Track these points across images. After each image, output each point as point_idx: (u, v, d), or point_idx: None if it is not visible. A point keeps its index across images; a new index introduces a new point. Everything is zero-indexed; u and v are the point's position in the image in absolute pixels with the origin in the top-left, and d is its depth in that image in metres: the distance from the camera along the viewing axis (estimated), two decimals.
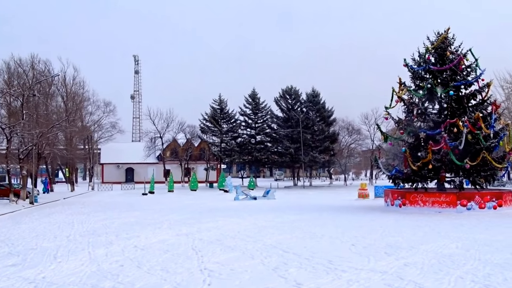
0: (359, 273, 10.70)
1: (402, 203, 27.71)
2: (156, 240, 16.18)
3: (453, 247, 14.06)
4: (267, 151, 73.21)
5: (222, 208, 30.17)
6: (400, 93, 29.16)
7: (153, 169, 77.45)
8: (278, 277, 10.45)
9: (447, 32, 29.30)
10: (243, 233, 17.72)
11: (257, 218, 23.25)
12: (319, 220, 22.43)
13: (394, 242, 15.24)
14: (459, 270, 10.93)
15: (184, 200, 39.56)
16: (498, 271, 10.72)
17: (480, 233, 17.24)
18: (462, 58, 28.25)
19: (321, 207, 30.27)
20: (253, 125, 74.54)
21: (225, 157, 73.96)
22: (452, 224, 20.29)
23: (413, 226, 19.51)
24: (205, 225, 20.65)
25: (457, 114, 27.87)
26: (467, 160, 25.95)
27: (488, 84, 28.47)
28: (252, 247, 14.39)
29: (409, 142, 29.85)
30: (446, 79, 28.29)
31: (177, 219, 23.35)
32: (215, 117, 73.55)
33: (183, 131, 78.65)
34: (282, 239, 16.14)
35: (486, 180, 27.94)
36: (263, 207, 30.99)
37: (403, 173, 28.13)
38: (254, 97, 74.27)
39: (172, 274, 10.89)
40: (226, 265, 11.76)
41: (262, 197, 40.11)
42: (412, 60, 29.80)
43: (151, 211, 28.71)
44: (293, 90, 74.42)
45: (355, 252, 13.41)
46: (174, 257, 13.00)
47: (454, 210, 25.55)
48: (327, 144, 71.21)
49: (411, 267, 11.32)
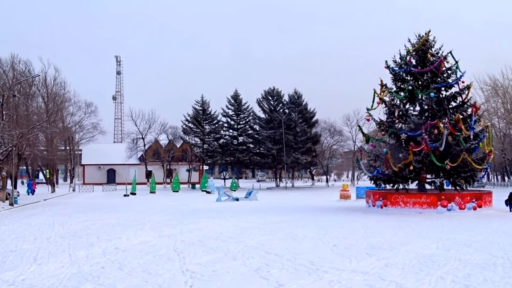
0: (340, 274, 10.73)
1: (383, 204, 27.89)
2: (137, 242, 16.06)
3: (434, 248, 14.19)
4: (250, 152, 73.26)
5: (204, 209, 30.08)
6: (382, 95, 29.36)
7: (135, 170, 77.09)
8: (260, 278, 10.44)
9: (427, 34, 29.59)
10: (225, 235, 17.68)
11: (239, 219, 23.21)
12: (301, 221, 22.46)
13: (375, 242, 15.33)
14: (439, 270, 11.02)
15: (166, 202, 39.37)
16: (478, 272, 10.83)
17: (460, 234, 17.42)
18: (442, 60, 28.53)
19: (303, 208, 30.33)
20: (235, 126, 74.50)
21: (207, 158, 73.87)
22: (432, 224, 20.48)
23: (394, 227, 19.66)
24: (187, 226, 20.55)
25: (438, 115, 28.13)
26: (448, 161, 26.20)
27: (468, 86, 28.79)
28: (234, 249, 14.36)
29: (391, 144, 30.07)
30: (427, 81, 28.58)
31: (159, 221, 23.21)
32: (198, 118, 73.37)
33: (165, 132, 78.47)
34: (264, 240, 16.14)
35: (466, 181, 28.25)
36: (245, 208, 30.96)
37: (385, 174, 28.32)
38: (236, 98, 74.28)
39: (154, 275, 10.82)
40: (208, 267, 11.71)
41: (244, 198, 40.08)
42: (394, 62, 30.03)
43: (133, 212, 28.51)
44: (275, 91, 74.53)
45: (337, 253, 13.45)
46: (156, 258, 12.92)
47: (434, 211, 25.78)
48: (309, 145, 71.43)
49: (392, 267, 11.39)
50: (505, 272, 10.82)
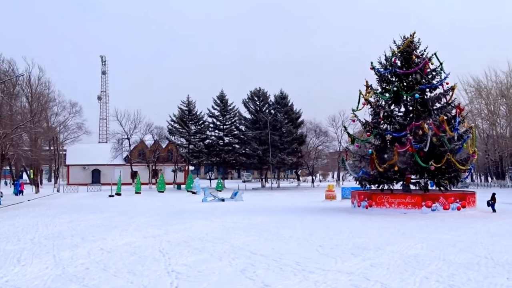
0: (326, 274, 10.78)
1: (368, 205, 28.03)
2: (122, 243, 15.98)
3: (418, 248, 14.30)
4: (235, 152, 73.22)
5: (190, 210, 30.02)
6: (367, 96, 29.50)
7: (120, 171, 76.54)
8: (246, 279, 10.45)
9: (412, 36, 29.77)
10: (210, 235, 17.66)
11: (225, 220, 23.19)
12: (286, 221, 22.51)
13: (360, 243, 15.41)
14: (424, 270, 11.11)
15: (152, 202, 39.22)
16: (462, 271, 10.93)
17: (444, 234, 17.57)
18: (427, 62, 28.76)
19: (288, 209, 30.38)
20: (221, 127, 74.41)
21: (193, 158, 73.67)
22: (417, 225, 20.63)
23: (380, 227, 19.78)
24: (172, 227, 20.50)
25: (423, 116, 28.31)
26: (432, 162, 26.40)
27: (453, 87, 29.05)
28: (220, 249, 14.35)
29: (376, 144, 30.21)
30: (412, 82, 28.76)
31: (144, 221, 23.12)
32: (183, 119, 73.15)
33: (150, 132, 78.01)
34: (250, 240, 16.15)
35: (450, 182, 28.48)
36: (231, 208, 30.94)
37: (370, 174, 28.46)
38: (222, 98, 74.20)
39: (139, 276, 10.78)
40: (193, 267, 11.70)
41: (230, 198, 40.06)
42: (379, 63, 30.19)
43: (118, 213, 28.36)
44: (261, 92, 74.59)
45: (322, 253, 13.50)
46: (141, 259, 12.87)
47: (419, 211, 25.97)
48: (295, 146, 71.54)
49: (377, 267, 11.46)
50: (488, 271, 10.93)
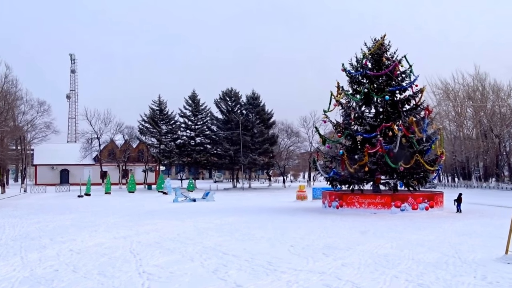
0: (298, 274, 10.85)
1: (339, 205, 28.28)
2: (92, 244, 15.81)
3: (388, 247, 14.51)
4: (207, 153, 73.06)
5: (161, 210, 29.84)
6: (338, 97, 29.78)
7: (89, 171, 75.70)
8: (218, 279, 10.45)
9: (383, 38, 30.18)
10: (182, 236, 17.61)
11: (196, 220, 23.13)
12: (258, 221, 22.57)
13: (331, 243, 15.56)
14: (394, 269, 11.28)
15: (122, 202, 38.86)
16: (431, 270, 11.14)
17: (413, 234, 17.86)
18: (397, 64, 29.18)
19: (260, 209, 30.45)
20: (192, 127, 74.19)
21: (164, 158, 73.26)
22: (387, 225, 20.91)
23: (350, 227, 19.99)
24: (143, 227, 20.36)
25: (392, 118, 28.73)
26: (401, 163, 26.80)
27: (421, 89, 29.52)
28: (192, 250, 14.32)
29: (347, 145, 30.51)
30: (382, 84, 29.14)
31: (114, 222, 22.89)
32: (154, 118, 72.68)
33: (121, 132, 77.34)
34: (222, 241, 16.15)
35: (418, 182, 28.94)
36: (202, 209, 30.87)
37: (341, 175, 28.71)
38: (194, 98, 73.95)
39: (110, 278, 10.68)
40: (165, 268, 11.65)
41: (201, 199, 39.96)
42: (350, 65, 30.50)
43: (87, 213, 28.01)
44: (233, 92, 74.54)
45: (294, 253, 13.58)
46: (112, 260, 12.76)
47: (388, 211, 26.33)
48: (266, 146, 71.68)
49: (348, 267, 11.59)
50: (456, 270, 11.16)
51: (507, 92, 68.57)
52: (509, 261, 11.78)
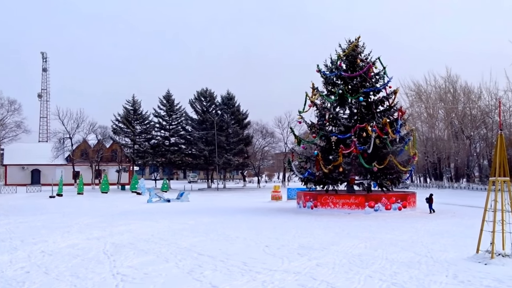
0: (273, 274, 10.87)
1: (314, 205, 28.43)
2: (65, 245, 15.59)
3: (362, 247, 14.63)
4: (181, 153, 72.77)
5: (135, 211, 29.61)
6: (313, 98, 29.93)
7: (61, 171, 74.63)
8: (193, 280, 10.41)
9: (357, 40, 30.44)
10: (156, 236, 17.49)
11: (171, 221, 23.01)
12: (233, 222, 22.55)
13: (306, 243, 15.63)
14: (368, 269, 11.39)
15: (95, 203, 38.43)
16: (404, 270, 11.27)
17: (386, 233, 18.05)
18: (371, 65, 29.47)
19: (235, 209, 30.43)
20: (167, 127, 73.80)
21: (138, 159, 72.72)
22: (360, 225, 21.09)
23: (325, 227, 20.10)
24: (117, 228, 20.17)
25: (366, 119, 29.00)
26: (375, 163, 27.08)
27: (395, 91, 29.87)
28: (166, 250, 14.24)
29: (321, 146, 30.68)
30: (356, 85, 29.41)
31: (87, 223, 22.63)
32: (128, 118, 72.09)
33: (94, 131, 76.64)
34: (197, 241, 16.09)
35: (392, 183, 29.27)
36: (177, 209, 30.73)
37: (315, 175, 28.86)
38: (168, 98, 73.57)
39: (83, 279, 10.55)
40: (139, 269, 11.56)
41: (175, 199, 39.77)
42: (325, 66, 30.68)
43: (60, 214, 27.63)
44: (208, 92, 74.41)
45: (269, 254, 13.61)
46: (85, 262, 12.61)
47: (362, 212, 26.56)
48: (241, 146, 71.77)
49: (323, 267, 11.66)
50: (429, 269, 11.31)
51: (478, 94, 69.80)
52: (480, 260, 11.98)
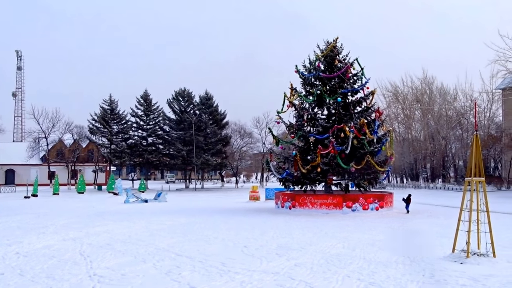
0: (252, 275, 10.86)
1: (292, 205, 28.49)
2: (40, 246, 15.37)
3: (340, 247, 14.70)
4: (159, 153, 72.35)
5: (112, 212, 29.33)
6: (292, 99, 30.00)
7: (36, 171, 73.79)
8: (171, 281, 10.34)
9: (335, 41, 30.61)
10: (134, 237, 17.35)
11: (148, 222, 22.85)
12: (211, 222, 22.47)
13: (285, 243, 15.65)
14: (346, 269, 11.44)
15: (71, 204, 37.98)
16: (381, 269, 11.36)
17: (364, 233, 18.16)
18: (349, 66, 29.66)
19: (213, 210, 30.36)
20: (144, 127, 73.25)
21: (115, 159, 72.06)
22: (338, 225, 21.19)
23: (303, 227, 20.15)
24: (93, 229, 19.95)
25: (344, 120, 29.16)
26: (353, 163, 27.26)
27: (372, 92, 30.09)
28: (144, 251, 14.13)
29: (299, 146, 30.79)
30: (335, 86, 29.56)
31: (63, 223, 22.34)
32: (105, 118, 71.42)
33: (70, 131, 75.84)
34: (175, 242, 16.00)
35: (369, 183, 29.50)
36: (154, 210, 30.53)
37: (293, 176, 28.94)
38: (146, 98, 73.02)
39: (59, 281, 10.40)
40: (116, 270, 11.44)
41: (153, 200, 39.53)
42: (303, 67, 30.77)
43: (35, 215, 27.23)
44: (186, 92, 74.10)
45: (247, 254, 13.59)
46: (61, 263, 12.44)
47: (340, 212, 26.69)
48: (219, 146, 71.64)
49: (301, 267, 11.68)
50: (406, 269, 11.41)
51: (453, 96, 70.88)
52: (455, 260, 12.13)
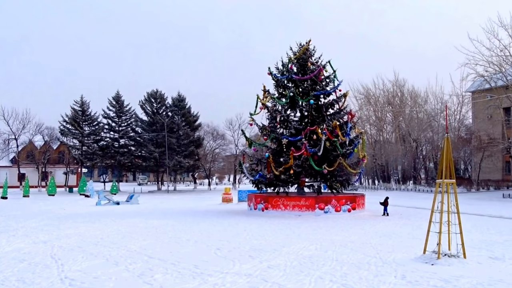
0: (225, 277, 10.84)
1: (265, 207, 28.55)
2: (10, 249, 15.10)
3: (313, 249, 14.78)
4: (131, 155, 71.81)
5: (84, 214, 28.96)
6: (264, 101, 30.08)
7: (6, 173, 72.34)
8: (144, 284, 10.27)
9: (308, 43, 30.79)
10: (106, 239, 17.17)
11: (120, 224, 22.65)
12: (184, 224, 22.38)
13: (258, 245, 15.67)
14: (318, 270, 11.50)
15: (42, 206, 37.36)
16: (354, 271, 11.45)
17: (336, 235, 18.30)
18: (321, 69, 29.86)
19: (185, 212, 30.24)
20: (116, 128, 72.55)
21: (86, 160, 71.20)
22: (311, 226, 21.31)
23: (276, 229, 20.20)
24: (65, 231, 19.69)
25: (317, 122, 29.36)
26: (325, 165, 27.45)
27: (345, 94, 30.36)
28: (116, 254, 13.99)
29: (272, 148, 30.88)
30: (307, 88, 29.73)
31: (33, 226, 21.99)
32: (76, 119, 70.53)
33: (41, 133, 74.79)
34: (147, 244, 15.89)
35: (342, 185, 29.75)
36: (126, 212, 30.27)
37: (266, 178, 29.01)
38: (118, 99, 72.33)
39: (30, 284, 10.24)
40: (88, 273, 11.30)
41: (125, 202, 39.18)
42: (276, 69, 30.88)
43: (4, 217, 26.71)
44: (158, 94, 73.61)
45: (220, 256, 13.57)
46: (31, 266, 12.24)
47: (313, 213, 26.85)
48: (192, 148, 71.36)
49: (274, 269, 11.70)
50: (378, 270, 11.53)
51: (424, 98, 71.95)
52: (427, 261, 12.30)
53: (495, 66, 49.30)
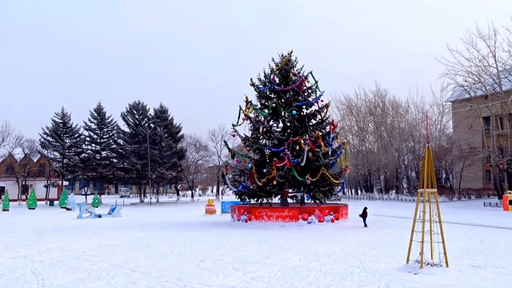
0: None
1: (248, 218, 28.47)
2: None
3: (297, 260, 14.74)
4: (113, 167, 71.21)
5: (65, 227, 28.60)
6: (247, 111, 30.10)
7: None
8: None
9: (290, 54, 30.95)
10: (87, 253, 16.94)
11: (102, 237, 22.40)
12: (166, 237, 22.21)
13: (241, 256, 15.59)
14: (302, 281, 11.46)
15: (22, 220, 36.80)
16: (338, 281, 11.43)
17: (320, 246, 18.30)
18: (303, 80, 29.99)
19: (168, 224, 30.02)
20: (98, 141, 71.98)
21: (67, 173, 70.39)
22: (295, 237, 21.28)
23: (259, 240, 20.14)
24: (45, 246, 19.40)
25: (300, 132, 29.45)
26: (308, 176, 27.50)
27: (327, 105, 30.52)
28: (98, 268, 13.81)
29: (255, 159, 30.86)
30: (290, 99, 29.83)
31: (13, 240, 21.64)
32: (57, 132, 69.87)
33: (21, 145, 73.89)
34: (130, 257, 15.72)
35: (325, 195, 29.78)
36: (108, 225, 29.95)
37: (249, 189, 28.95)
38: (99, 111, 71.84)
39: None
40: None
41: (107, 214, 38.81)
42: (258, 80, 30.96)
43: None
44: (140, 105, 73.30)
45: (204, 268, 13.47)
46: (11, 281, 12.03)
47: (296, 224, 26.84)
48: (174, 160, 71.03)
49: (258, 280, 11.64)
50: (361, 280, 11.53)
51: (405, 108, 72.61)
52: (410, 270, 12.34)
53: (474, 76, 50.04)
